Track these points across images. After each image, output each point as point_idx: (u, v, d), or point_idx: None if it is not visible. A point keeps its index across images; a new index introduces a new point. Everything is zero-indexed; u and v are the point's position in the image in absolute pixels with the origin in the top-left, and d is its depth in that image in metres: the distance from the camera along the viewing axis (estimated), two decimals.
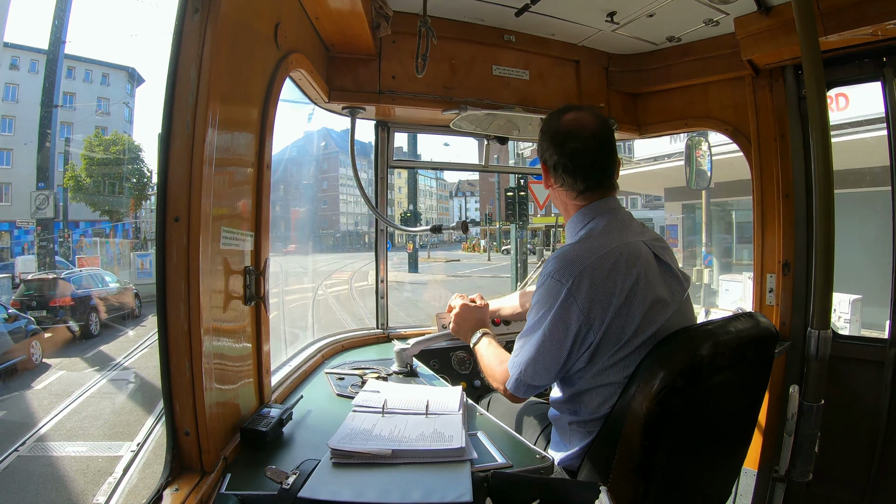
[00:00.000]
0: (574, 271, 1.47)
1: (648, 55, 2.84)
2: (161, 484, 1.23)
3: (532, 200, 14.84)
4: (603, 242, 1.53)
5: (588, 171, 1.62)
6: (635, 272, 1.47)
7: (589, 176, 1.62)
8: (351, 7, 2.00)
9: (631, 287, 1.45)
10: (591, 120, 1.64)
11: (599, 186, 1.64)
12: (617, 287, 1.45)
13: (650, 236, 1.63)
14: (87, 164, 29.03)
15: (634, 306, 1.45)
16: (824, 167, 1.89)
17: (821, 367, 2.00)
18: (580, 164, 1.62)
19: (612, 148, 1.65)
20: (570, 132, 1.63)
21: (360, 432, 1.52)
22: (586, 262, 1.47)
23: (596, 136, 1.62)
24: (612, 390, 1.48)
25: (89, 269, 17.07)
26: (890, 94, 2.33)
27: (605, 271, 1.46)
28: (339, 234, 71.66)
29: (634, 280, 1.46)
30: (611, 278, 1.45)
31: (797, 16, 1.80)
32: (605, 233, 1.58)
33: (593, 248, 1.51)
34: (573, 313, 1.46)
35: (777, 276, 2.48)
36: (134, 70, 39.05)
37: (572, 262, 1.49)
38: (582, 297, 1.45)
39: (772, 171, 2.48)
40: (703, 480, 1.49)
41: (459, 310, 2.17)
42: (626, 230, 1.60)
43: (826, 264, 1.92)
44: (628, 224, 1.63)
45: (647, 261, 1.52)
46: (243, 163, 1.51)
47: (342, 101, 2.47)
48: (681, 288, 1.57)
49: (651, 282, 1.49)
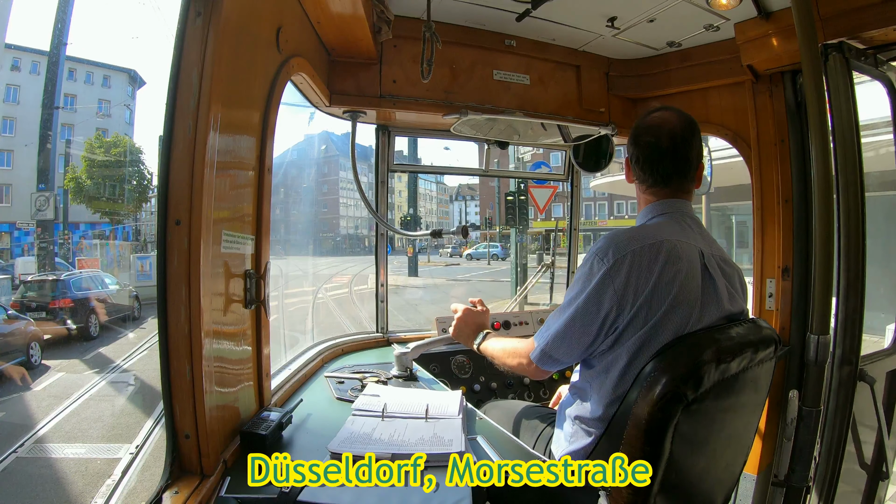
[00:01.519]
0: (618, 253, 1.49)
1: (649, 60, 2.84)
2: (160, 486, 1.23)
3: (532, 205, 14.82)
4: (653, 233, 1.54)
5: (656, 165, 1.66)
6: (675, 268, 1.47)
7: (656, 171, 1.66)
8: (352, 11, 2.01)
9: (670, 280, 1.45)
10: (673, 118, 1.67)
11: (668, 184, 1.66)
12: (654, 274, 1.46)
13: (714, 249, 1.62)
14: (88, 166, 29.00)
15: (666, 299, 1.45)
16: (824, 172, 1.89)
17: (820, 372, 2.00)
18: (650, 158, 1.67)
19: (688, 148, 1.66)
20: (650, 127, 1.69)
21: (360, 436, 1.53)
22: (631, 247, 1.49)
23: (673, 134, 1.64)
24: (620, 383, 1.49)
25: (89, 270, 17.05)
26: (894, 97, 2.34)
27: (648, 259, 1.47)
28: (340, 237, 71.61)
29: (673, 275, 1.46)
30: (651, 268, 1.46)
31: (797, 21, 1.81)
32: (660, 227, 1.59)
33: (643, 235, 1.53)
34: (607, 294, 1.48)
35: (777, 281, 2.48)
36: (135, 72, 39.12)
37: (618, 244, 1.50)
38: (620, 280, 1.47)
39: (772, 176, 2.48)
40: (703, 485, 1.48)
41: (461, 314, 2.17)
42: (686, 232, 1.59)
43: (826, 269, 1.92)
44: (690, 227, 1.62)
45: (692, 265, 1.51)
46: (244, 166, 1.52)
47: (343, 104, 2.47)
48: (717, 309, 1.52)
49: (688, 284, 1.48)
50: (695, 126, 1.66)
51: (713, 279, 1.53)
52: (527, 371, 1.75)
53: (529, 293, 4.33)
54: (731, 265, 1.63)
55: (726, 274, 1.58)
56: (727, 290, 1.54)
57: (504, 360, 1.87)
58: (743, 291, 1.64)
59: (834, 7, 2.06)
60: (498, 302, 9.93)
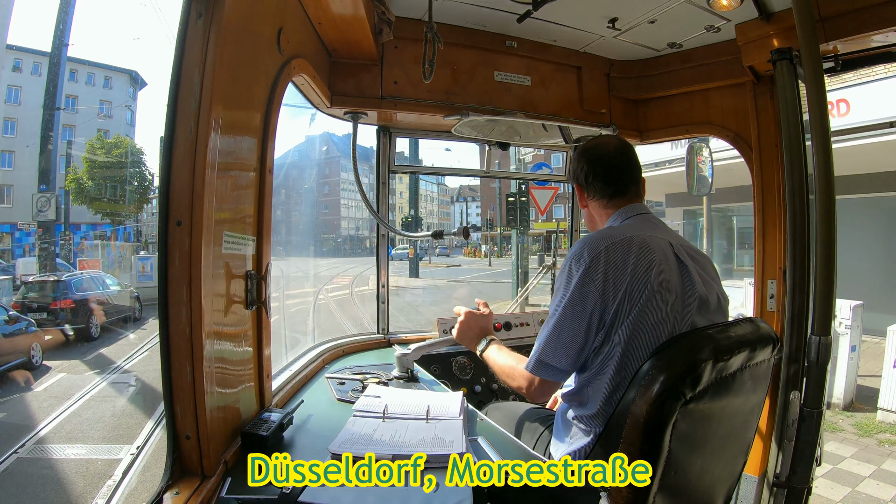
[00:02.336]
0: (592, 252, 1.54)
1: (650, 61, 2.85)
2: (161, 487, 1.23)
3: (533, 206, 14.83)
4: (623, 231, 1.61)
5: (615, 171, 1.80)
6: (649, 259, 1.53)
7: (617, 178, 1.79)
8: (353, 13, 2.01)
9: (645, 269, 1.51)
10: (612, 139, 1.91)
11: (626, 191, 1.79)
12: (629, 265, 1.51)
13: (681, 241, 1.69)
14: (89, 166, 29.07)
15: (646, 287, 1.49)
16: (825, 173, 1.89)
17: (821, 374, 1.99)
18: (608, 167, 1.80)
19: (635, 159, 1.83)
20: (596, 146, 1.86)
21: (361, 437, 1.53)
22: (604, 245, 1.55)
23: (619, 148, 1.82)
24: (612, 381, 1.50)
25: (90, 271, 17.07)
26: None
27: (621, 253, 1.53)
28: (341, 238, 71.66)
29: (648, 265, 1.52)
30: (626, 261, 1.52)
31: (798, 22, 1.81)
32: (629, 226, 1.67)
33: (613, 234, 1.59)
34: (590, 291, 1.52)
35: (778, 282, 2.47)
36: (136, 73, 39.30)
37: (591, 244, 1.56)
38: (598, 277, 1.52)
39: (773, 177, 2.48)
40: (703, 485, 1.48)
41: (464, 317, 2.17)
42: (654, 228, 1.68)
43: (827, 270, 1.92)
44: (656, 225, 1.72)
45: (665, 254, 1.57)
46: (245, 167, 1.52)
47: (344, 106, 2.47)
48: (694, 293, 1.57)
49: (664, 271, 1.53)
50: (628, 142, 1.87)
51: (686, 266, 1.59)
52: (527, 393, 1.74)
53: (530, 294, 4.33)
54: (701, 254, 1.71)
55: (698, 262, 1.65)
56: (700, 276, 1.60)
57: (505, 377, 1.88)
58: (716, 278, 1.71)
59: (834, 8, 2.06)
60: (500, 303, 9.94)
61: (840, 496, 4.42)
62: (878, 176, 10.10)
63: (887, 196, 10.32)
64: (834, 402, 6.49)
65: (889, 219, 10.55)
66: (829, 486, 4.56)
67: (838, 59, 2.22)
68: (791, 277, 2.21)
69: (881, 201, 10.46)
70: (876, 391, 6.27)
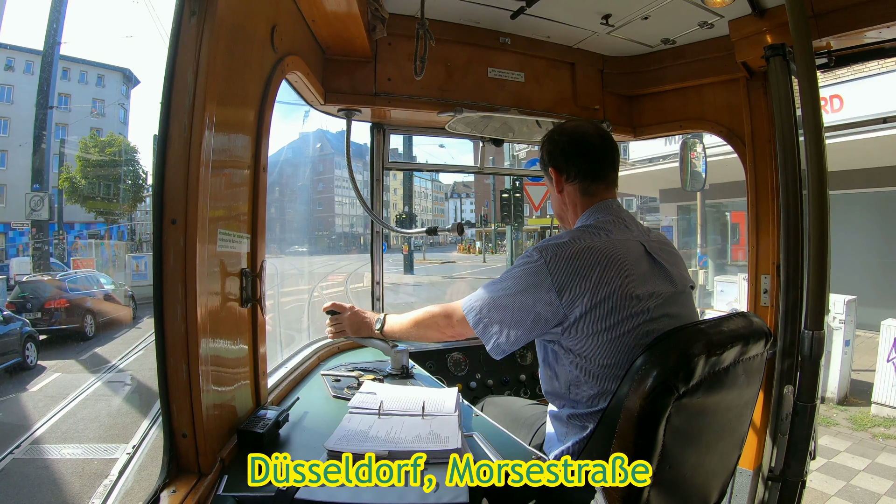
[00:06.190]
0: (555, 251, 1.53)
1: (643, 57, 2.85)
2: (158, 486, 1.23)
3: (527, 202, 14.84)
4: (591, 235, 1.59)
5: (598, 152, 1.75)
6: (617, 267, 1.50)
7: (600, 159, 1.75)
8: (347, 10, 2.01)
9: (610, 279, 1.49)
10: (587, 123, 1.81)
11: (605, 176, 1.75)
12: (594, 275, 1.48)
13: (652, 237, 1.68)
14: (83, 165, 28.88)
15: (611, 297, 1.48)
16: (818, 168, 1.90)
17: (814, 368, 2.01)
18: (590, 147, 1.75)
19: (615, 143, 1.79)
20: (575, 127, 1.79)
21: (357, 434, 1.53)
22: (570, 248, 1.53)
23: (598, 131, 1.77)
24: (601, 382, 1.51)
25: (84, 270, 17.02)
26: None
27: (586, 258, 1.51)
28: (335, 235, 71.58)
29: (616, 272, 1.50)
30: (590, 266, 1.49)
31: (791, 18, 1.82)
32: (600, 228, 1.63)
33: (581, 237, 1.57)
34: (543, 279, 1.51)
35: (771, 277, 2.48)
36: (129, 71, 39.04)
37: (558, 244, 1.55)
38: (557, 272, 1.50)
39: (766, 173, 2.48)
40: (697, 479, 1.49)
41: (350, 313, 2.23)
42: (626, 229, 1.65)
43: (820, 265, 1.93)
44: (629, 224, 1.69)
45: (637, 257, 1.56)
46: (240, 165, 1.52)
47: (338, 103, 2.47)
48: (670, 288, 1.59)
49: (634, 278, 1.52)
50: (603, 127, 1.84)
51: (661, 263, 1.60)
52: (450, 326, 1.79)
53: None
54: (671, 247, 1.73)
55: (668, 253, 1.67)
56: (673, 270, 1.63)
57: (422, 332, 1.94)
58: (685, 267, 1.73)
59: (827, 4, 2.07)
60: None
61: (835, 490, 4.45)
62: (872, 171, 10.16)
63: (880, 191, 10.39)
64: (828, 396, 6.53)
65: (882, 214, 10.62)
66: (823, 480, 4.60)
67: (831, 55, 2.23)
68: (784, 272, 2.22)
69: (874, 196, 10.53)
70: (870, 385, 6.32)
